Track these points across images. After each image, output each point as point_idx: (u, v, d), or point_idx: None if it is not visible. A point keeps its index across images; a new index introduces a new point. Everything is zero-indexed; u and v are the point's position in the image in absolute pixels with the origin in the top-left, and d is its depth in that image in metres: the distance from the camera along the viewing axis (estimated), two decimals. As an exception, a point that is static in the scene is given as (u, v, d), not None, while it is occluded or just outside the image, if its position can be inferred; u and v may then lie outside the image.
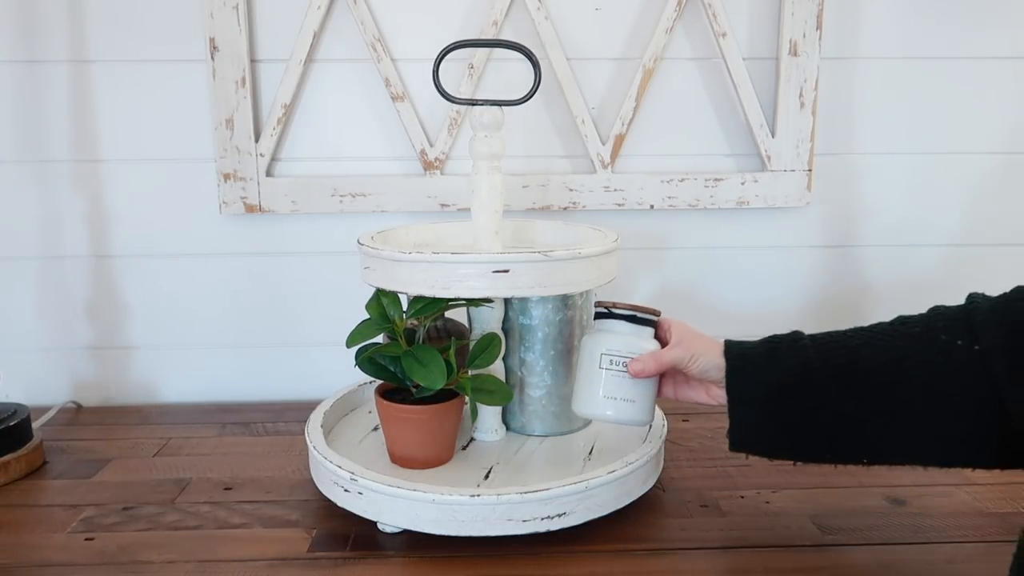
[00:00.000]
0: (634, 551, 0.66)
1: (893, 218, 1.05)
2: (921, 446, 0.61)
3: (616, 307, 0.71)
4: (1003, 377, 0.57)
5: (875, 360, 0.61)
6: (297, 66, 0.97)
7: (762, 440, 0.66)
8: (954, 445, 0.60)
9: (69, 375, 1.05)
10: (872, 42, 1.00)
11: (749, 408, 0.65)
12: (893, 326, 0.63)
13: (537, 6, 0.96)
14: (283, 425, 0.95)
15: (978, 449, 0.60)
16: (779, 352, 0.65)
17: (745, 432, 0.66)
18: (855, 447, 0.63)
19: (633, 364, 0.69)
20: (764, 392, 0.64)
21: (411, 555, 0.66)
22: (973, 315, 0.59)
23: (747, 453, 0.66)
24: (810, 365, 0.63)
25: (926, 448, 0.61)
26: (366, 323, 0.75)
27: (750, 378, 0.65)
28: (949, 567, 0.64)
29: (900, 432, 0.61)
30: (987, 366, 0.57)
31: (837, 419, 0.62)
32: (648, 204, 1.01)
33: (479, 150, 0.78)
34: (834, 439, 0.63)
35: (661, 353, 0.69)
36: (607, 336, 0.71)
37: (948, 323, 0.60)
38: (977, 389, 0.58)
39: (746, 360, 0.66)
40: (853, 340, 0.63)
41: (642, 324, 0.71)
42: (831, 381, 0.62)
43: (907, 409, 0.60)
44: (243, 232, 1.02)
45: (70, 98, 0.98)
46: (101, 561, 0.65)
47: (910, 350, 0.61)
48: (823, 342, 0.64)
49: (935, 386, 0.59)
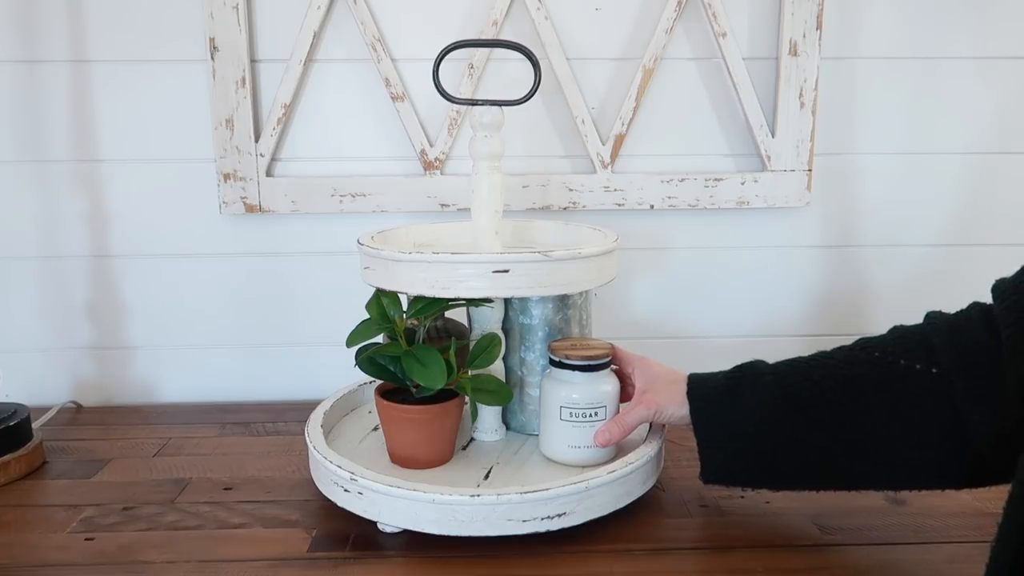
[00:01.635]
0: (634, 551, 0.66)
1: (893, 218, 1.05)
2: (889, 471, 0.61)
3: (569, 357, 0.73)
4: (961, 399, 0.57)
5: (837, 390, 0.62)
6: (297, 66, 0.97)
7: (734, 475, 0.68)
8: (921, 469, 0.60)
9: (69, 375, 1.05)
10: (872, 42, 1.00)
11: (717, 450, 0.67)
12: (854, 351, 0.64)
13: (537, 6, 0.96)
14: (283, 425, 0.95)
15: (945, 471, 0.60)
16: (741, 391, 0.66)
17: (717, 470, 0.68)
18: (827, 475, 0.64)
19: (600, 436, 0.73)
20: (730, 433, 0.66)
21: (411, 555, 0.66)
22: (930, 337, 0.59)
23: (720, 485, 0.69)
24: (773, 402, 0.64)
25: (894, 473, 0.61)
26: (366, 323, 0.75)
27: (715, 422, 0.67)
28: (949, 567, 0.64)
29: (868, 459, 0.61)
30: (946, 388, 0.57)
31: (805, 450, 0.63)
32: (648, 204, 1.01)
33: (479, 150, 0.78)
34: (805, 469, 0.64)
35: (624, 418, 0.72)
36: (564, 387, 0.74)
37: (906, 346, 0.60)
38: (938, 412, 0.58)
39: (708, 403, 0.67)
40: (815, 371, 0.63)
41: (596, 370, 0.73)
42: (795, 415, 0.63)
43: (871, 436, 0.60)
44: (243, 232, 1.02)
45: (70, 98, 0.98)
46: (101, 561, 0.65)
47: (871, 377, 0.61)
48: (785, 374, 0.65)
49: (897, 411, 0.59)
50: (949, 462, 0.59)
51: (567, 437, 0.74)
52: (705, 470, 0.68)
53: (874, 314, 1.07)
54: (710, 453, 0.67)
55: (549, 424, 0.75)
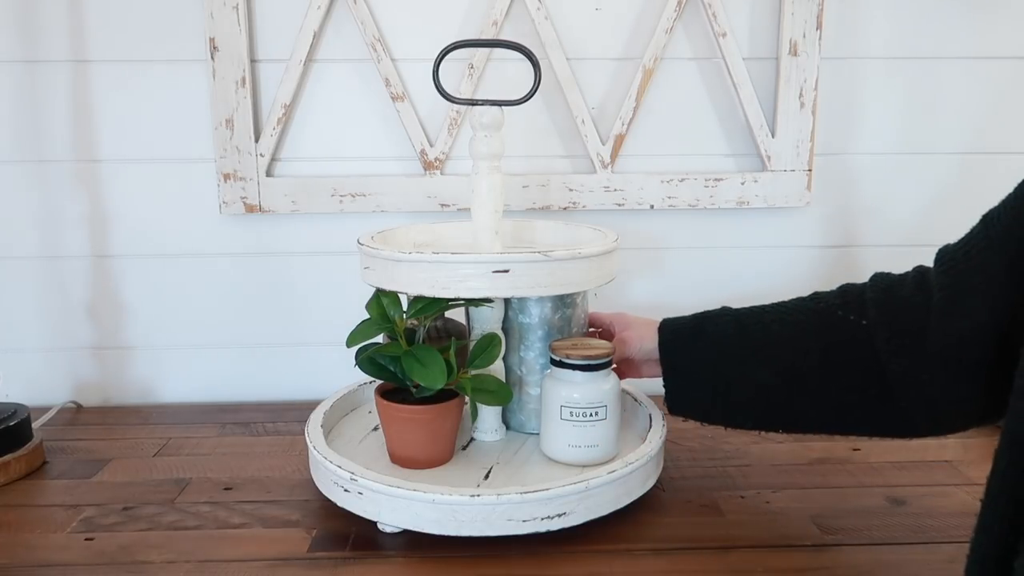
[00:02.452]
0: (634, 551, 0.66)
1: (893, 218, 1.05)
2: (822, 414, 0.67)
3: (570, 356, 0.74)
4: (883, 348, 0.61)
5: (783, 333, 0.68)
6: (297, 66, 0.97)
7: (695, 406, 0.73)
8: (850, 411, 0.65)
9: (69, 375, 1.05)
10: (872, 42, 1.00)
11: (680, 378, 0.73)
12: (804, 301, 0.69)
13: (537, 6, 0.96)
14: (283, 425, 0.95)
15: (872, 416, 0.64)
16: (704, 327, 0.72)
17: (679, 398, 0.73)
18: (771, 415, 0.70)
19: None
20: (691, 363, 0.72)
21: (411, 555, 0.66)
22: (866, 292, 0.65)
23: (683, 417, 0.74)
24: (730, 338, 0.70)
25: (826, 416, 0.67)
26: (366, 323, 0.75)
27: (680, 351, 0.73)
28: (949, 567, 0.64)
29: (805, 401, 0.67)
30: (870, 337, 0.62)
31: (754, 386, 0.68)
32: (648, 204, 1.01)
33: (479, 150, 0.78)
34: (753, 407, 0.70)
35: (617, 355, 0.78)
36: (564, 387, 0.74)
37: (846, 299, 0.66)
38: (862, 358, 0.63)
39: (676, 336, 0.74)
40: (768, 315, 0.70)
41: (597, 369, 0.74)
42: (747, 352, 0.69)
43: (808, 376, 0.66)
44: (243, 232, 1.02)
45: (70, 98, 0.98)
46: (101, 561, 0.65)
47: (812, 323, 0.67)
48: (743, 315, 0.71)
49: (828, 356, 0.65)
50: (874, 406, 0.64)
51: (567, 436, 0.74)
52: (669, 398, 0.74)
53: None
54: (673, 380, 0.73)
55: (549, 423, 0.75)
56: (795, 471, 0.81)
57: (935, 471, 0.81)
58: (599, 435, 0.74)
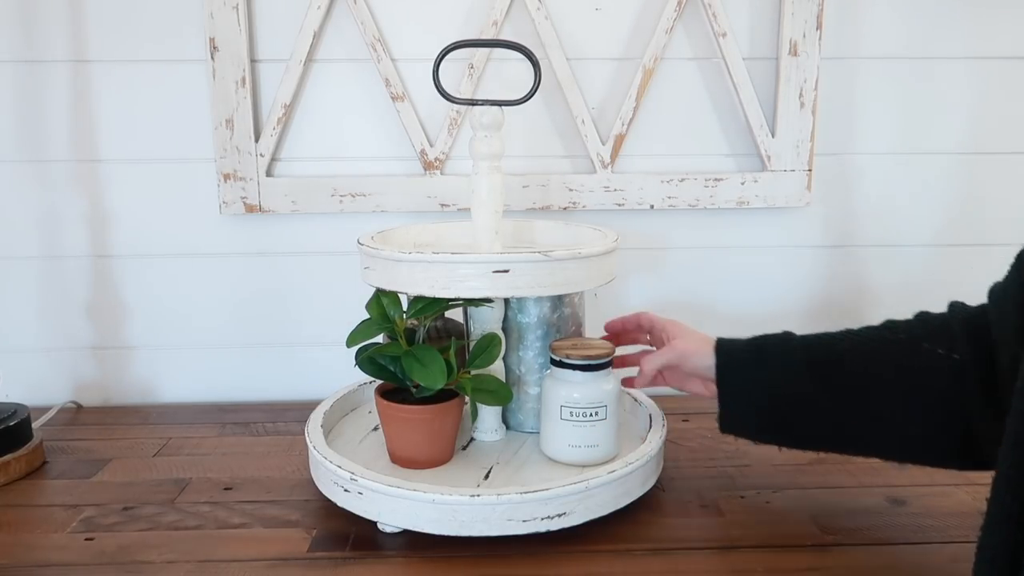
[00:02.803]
0: (634, 551, 0.66)
1: (893, 218, 1.05)
2: (896, 445, 0.65)
3: (570, 356, 0.74)
4: (974, 387, 0.60)
5: (859, 362, 0.65)
6: (297, 66, 0.97)
7: (748, 427, 0.71)
8: (927, 446, 0.63)
9: (69, 375, 1.05)
10: (872, 42, 1.00)
11: (738, 401, 0.70)
12: (880, 330, 0.67)
13: (537, 6, 0.96)
14: (283, 425, 0.95)
15: (947, 451, 0.63)
16: (768, 350, 0.69)
17: (733, 420, 0.71)
18: (837, 440, 0.68)
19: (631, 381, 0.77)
20: (751, 388, 0.69)
21: (411, 555, 0.66)
22: (951, 325, 0.62)
23: (735, 435, 0.72)
24: (797, 365, 0.67)
25: (900, 447, 0.65)
26: (366, 323, 0.75)
27: (739, 375, 0.70)
28: (949, 567, 0.64)
29: (879, 431, 0.65)
30: (963, 374, 0.60)
31: (821, 414, 0.66)
32: (648, 204, 1.01)
33: (479, 150, 0.78)
34: (817, 432, 0.67)
35: (647, 359, 0.75)
36: (564, 386, 0.74)
37: (931, 331, 0.63)
38: (952, 395, 0.61)
39: (735, 357, 0.70)
40: (841, 343, 0.67)
41: (597, 369, 0.74)
42: (816, 380, 0.66)
43: (887, 410, 0.64)
44: (243, 232, 1.02)
45: (70, 98, 0.98)
46: (101, 561, 0.65)
47: (893, 354, 0.64)
48: (811, 342, 0.68)
49: (914, 390, 0.62)
50: (949, 439, 0.62)
51: (567, 436, 0.74)
52: (723, 419, 0.71)
53: (874, 314, 1.06)
54: (731, 403, 0.70)
55: (550, 423, 0.75)
56: (795, 471, 0.81)
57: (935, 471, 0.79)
58: (599, 435, 0.74)
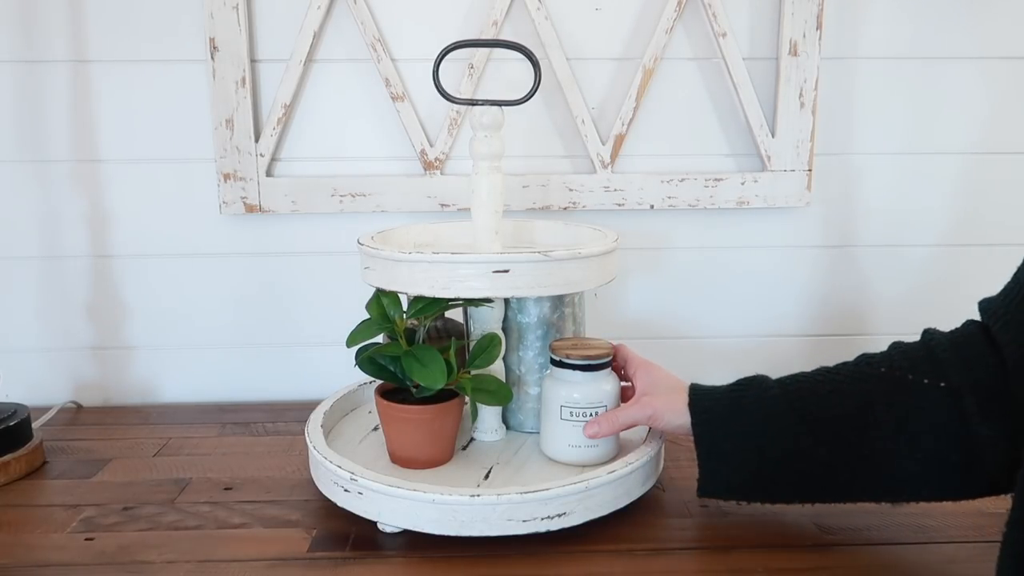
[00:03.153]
0: (634, 551, 0.66)
1: (893, 218, 1.05)
2: (891, 485, 0.62)
3: (570, 356, 0.74)
4: (972, 413, 0.57)
5: (844, 405, 0.62)
6: (297, 66, 0.97)
7: (733, 488, 0.67)
8: (924, 482, 0.61)
9: (69, 375, 1.05)
10: (872, 42, 1.00)
11: (720, 463, 0.66)
12: (859, 367, 0.64)
13: (537, 6, 0.96)
14: (283, 425, 0.95)
15: (947, 485, 0.60)
16: (747, 404, 0.65)
17: (716, 483, 0.67)
18: (827, 490, 0.64)
19: (588, 427, 0.73)
20: (732, 445, 0.65)
21: (411, 555, 0.66)
22: (935, 351, 0.60)
23: (717, 499, 0.69)
24: (779, 416, 0.63)
25: (895, 487, 0.62)
26: (366, 323, 0.75)
27: (718, 434, 0.66)
28: (949, 567, 0.64)
29: (871, 474, 0.62)
30: (955, 402, 0.58)
31: (808, 465, 0.63)
32: (648, 204, 1.01)
33: (479, 150, 0.78)
34: (806, 484, 0.64)
35: (617, 414, 0.72)
36: (564, 386, 0.74)
37: (911, 361, 0.61)
38: (947, 426, 0.58)
39: (713, 414, 0.66)
40: (822, 386, 0.63)
41: (597, 369, 0.73)
42: (801, 430, 0.63)
43: (878, 451, 0.60)
44: (243, 232, 1.02)
45: (70, 98, 0.98)
46: (101, 561, 0.65)
47: (878, 391, 0.61)
48: (791, 388, 0.65)
49: (905, 426, 0.60)
50: (952, 476, 0.59)
51: (567, 436, 0.74)
52: (704, 484, 0.67)
53: (874, 314, 1.07)
54: (711, 466, 0.66)
55: (549, 423, 0.75)
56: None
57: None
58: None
